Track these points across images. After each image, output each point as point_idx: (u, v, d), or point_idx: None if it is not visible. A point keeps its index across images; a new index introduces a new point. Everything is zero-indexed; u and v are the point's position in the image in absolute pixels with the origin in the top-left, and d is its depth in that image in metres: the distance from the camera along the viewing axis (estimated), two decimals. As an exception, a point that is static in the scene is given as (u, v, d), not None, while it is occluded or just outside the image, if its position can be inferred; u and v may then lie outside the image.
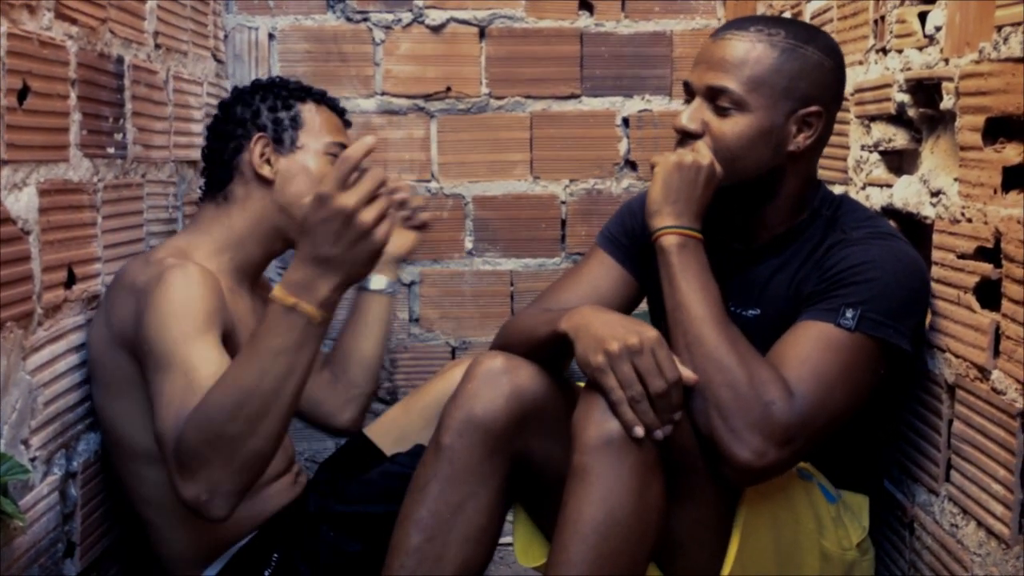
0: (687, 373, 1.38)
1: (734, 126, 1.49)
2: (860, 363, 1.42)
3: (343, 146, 1.81)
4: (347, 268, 1.32)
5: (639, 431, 1.35)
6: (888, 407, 1.59)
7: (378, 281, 2.03)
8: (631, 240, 1.67)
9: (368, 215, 1.29)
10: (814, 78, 1.49)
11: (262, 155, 1.77)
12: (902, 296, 1.43)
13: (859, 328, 1.40)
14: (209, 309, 1.52)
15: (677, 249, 1.47)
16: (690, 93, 1.55)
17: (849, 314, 1.41)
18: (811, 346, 1.41)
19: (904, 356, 1.46)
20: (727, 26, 1.55)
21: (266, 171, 1.76)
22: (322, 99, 1.85)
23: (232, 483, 1.34)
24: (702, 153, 1.50)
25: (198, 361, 1.44)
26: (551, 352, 1.51)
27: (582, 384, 1.49)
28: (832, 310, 1.42)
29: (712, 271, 1.54)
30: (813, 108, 1.49)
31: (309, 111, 1.81)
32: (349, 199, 1.28)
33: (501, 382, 1.48)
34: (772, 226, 1.57)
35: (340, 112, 1.89)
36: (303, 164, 1.78)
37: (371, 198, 1.29)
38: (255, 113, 1.79)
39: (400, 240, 1.99)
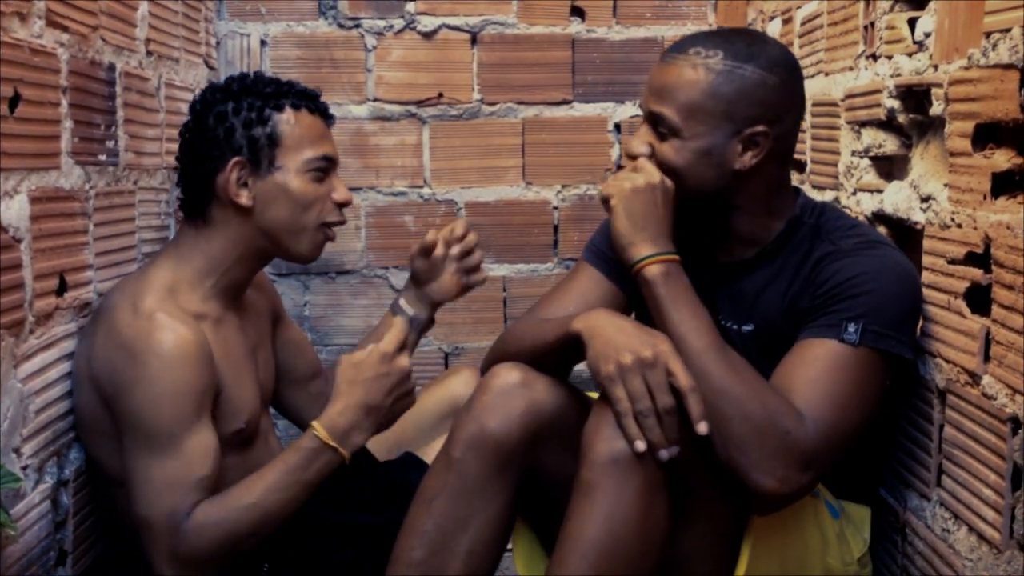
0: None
1: (671, 149, 1.49)
2: (868, 377, 1.41)
3: (326, 158, 1.70)
4: (386, 418, 1.58)
5: (640, 445, 1.33)
6: (882, 414, 1.59)
7: (407, 309, 1.97)
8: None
9: (414, 378, 1.59)
10: (755, 98, 1.46)
11: (239, 180, 1.65)
12: (900, 305, 1.43)
13: (863, 342, 1.39)
14: (202, 388, 1.55)
15: (663, 279, 1.45)
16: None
17: (851, 328, 1.40)
18: (819, 366, 1.39)
19: (906, 364, 1.46)
20: (670, 48, 1.54)
21: (243, 199, 1.65)
22: (300, 103, 1.70)
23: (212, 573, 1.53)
24: (649, 171, 1.49)
25: (193, 450, 1.53)
26: (560, 356, 1.50)
27: (593, 395, 1.48)
28: (833, 326, 1.41)
29: (699, 284, 1.54)
30: (758, 128, 1.46)
31: (286, 123, 1.67)
32: (407, 361, 1.60)
33: (516, 397, 1.45)
34: (746, 235, 1.56)
35: (323, 112, 1.74)
36: (283, 186, 1.66)
37: None
38: (228, 132, 1.65)
39: (447, 285, 1.97)
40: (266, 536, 1.57)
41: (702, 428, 1.33)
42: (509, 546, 1.62)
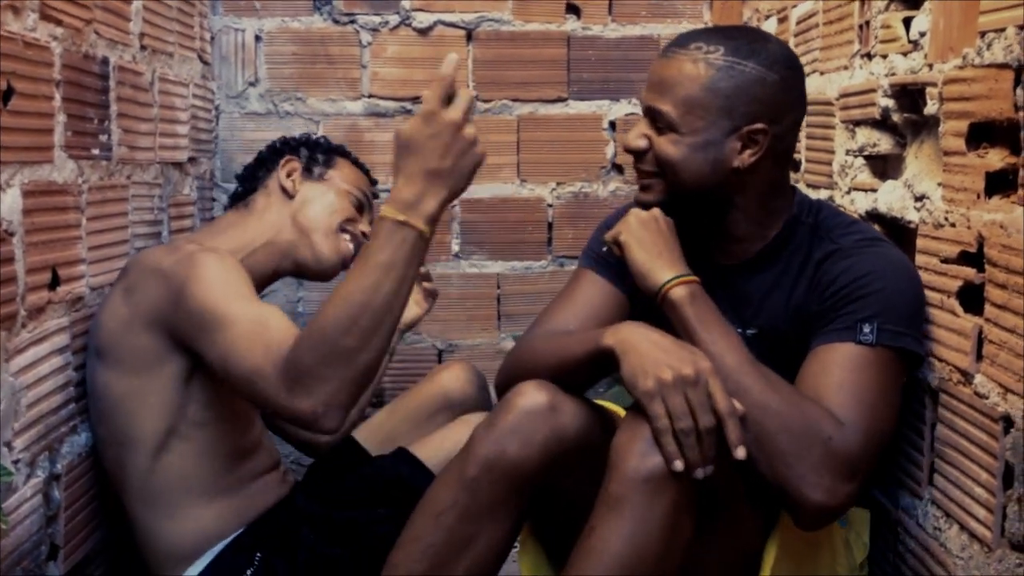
0: (739, 407, 1.33)
1: (670, 143, 1.48)
2: (890, 376, 1.40)
3: (366, 195, 1.98)
4: (454, 180, 1.42)
5: (679, 465, 1.30)
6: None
7: None
8: (616, 257, 1.64)
9: (471, 129, 1.40)
10: (754, 95, 1.45)
11: (288, 174, 1.91)
12: (908, 302, 1.42)
13: (880, 341, 1.39)
14: (248, 281, 1.62)
15: (689, 300, 1.44)
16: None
17: (867, 329, 1.39)
18: (841, 371, 1.38)
19: (919, 361, 1.45)
20: (671, 43, 1.53)
21: (289, 184, 1.89)
22: (356, 161, 2.01)
23: (345, 396, 1.41)
24: (647, 212, 1.52)
25: (260, 310, 1.52)
26: (589, 373, 1.46)
27: (602, 402, 1.46)
28: (848, 328, 1.40)
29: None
30: (757, 125, 1.45)
31: (343, 162, 1.97)
32: (455, 113, 1.39)
33: (541, 422, 1.41)
34: (745, 236, 1.55)
35: (367, 173, 2.03)
36: (324, 193, 1.91)
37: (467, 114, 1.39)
38: (294, 147, 1.96)
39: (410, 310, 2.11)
40: (367, 335, 1.40)
41: (740, 453, 1.30)
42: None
